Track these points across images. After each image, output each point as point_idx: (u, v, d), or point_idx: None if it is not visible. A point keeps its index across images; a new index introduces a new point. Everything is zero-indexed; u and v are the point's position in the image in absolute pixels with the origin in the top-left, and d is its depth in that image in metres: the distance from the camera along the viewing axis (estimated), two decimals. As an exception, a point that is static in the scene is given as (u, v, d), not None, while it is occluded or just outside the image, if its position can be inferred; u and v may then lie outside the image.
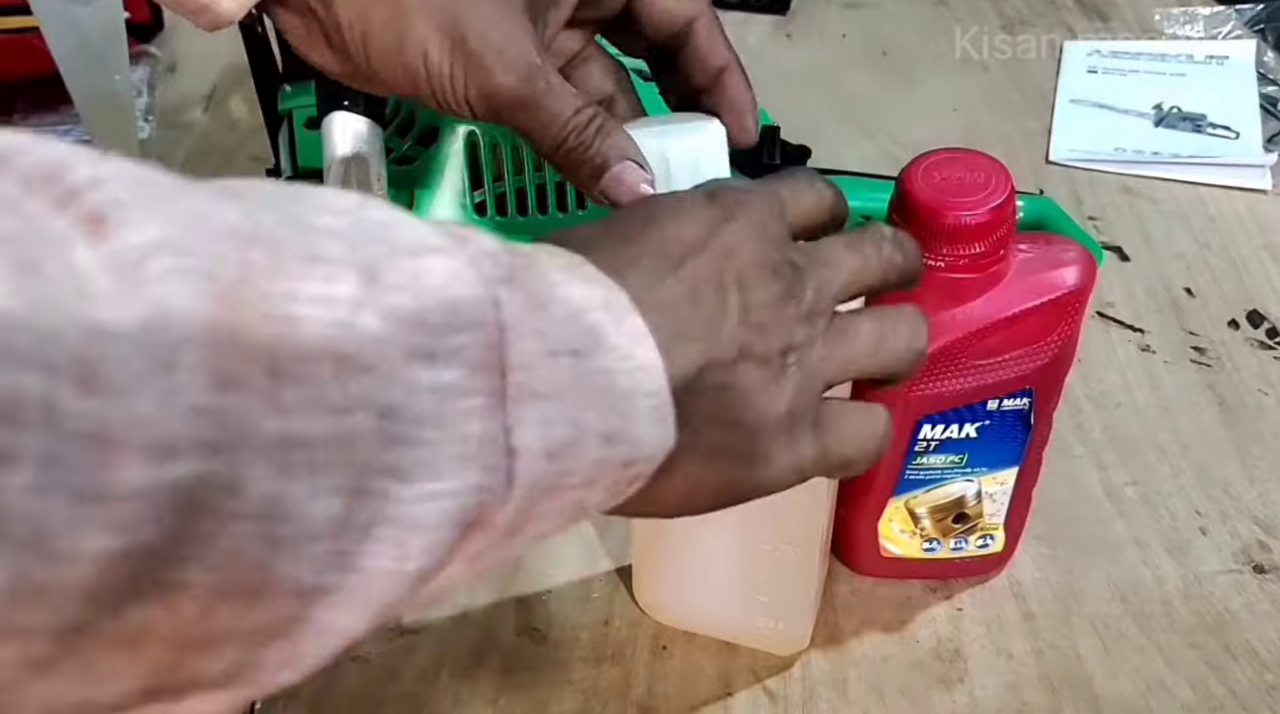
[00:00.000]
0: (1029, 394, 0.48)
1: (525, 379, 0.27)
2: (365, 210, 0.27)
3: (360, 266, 0.25)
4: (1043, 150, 0.86)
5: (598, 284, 0.31)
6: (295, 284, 0.23)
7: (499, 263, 0.28)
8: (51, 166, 0.21)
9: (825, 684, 0.52)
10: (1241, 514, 0.59)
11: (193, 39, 0.99)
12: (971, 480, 0.51)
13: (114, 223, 0.21)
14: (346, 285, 0.24)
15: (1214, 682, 0.52)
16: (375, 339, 0.24)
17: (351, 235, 0.25)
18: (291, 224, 0.25)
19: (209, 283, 0.21)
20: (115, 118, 0.81)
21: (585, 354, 0.29)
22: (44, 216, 0.21)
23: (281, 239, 0.24)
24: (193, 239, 0.22)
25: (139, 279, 0.21)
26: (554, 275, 0.30)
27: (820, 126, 0.86)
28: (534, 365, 0.28)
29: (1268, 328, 0.71)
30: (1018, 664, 0.52)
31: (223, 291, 0.22)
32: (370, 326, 0.24)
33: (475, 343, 0.26)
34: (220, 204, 0.23)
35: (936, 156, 0.44)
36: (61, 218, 0.21)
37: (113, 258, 0.21)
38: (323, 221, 0.25)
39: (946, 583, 0.56)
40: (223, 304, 0.22)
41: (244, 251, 0.22)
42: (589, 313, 0.30)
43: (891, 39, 0.99)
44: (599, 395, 0.29)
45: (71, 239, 0.20)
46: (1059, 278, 0.46)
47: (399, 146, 0.55)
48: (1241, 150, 0.85)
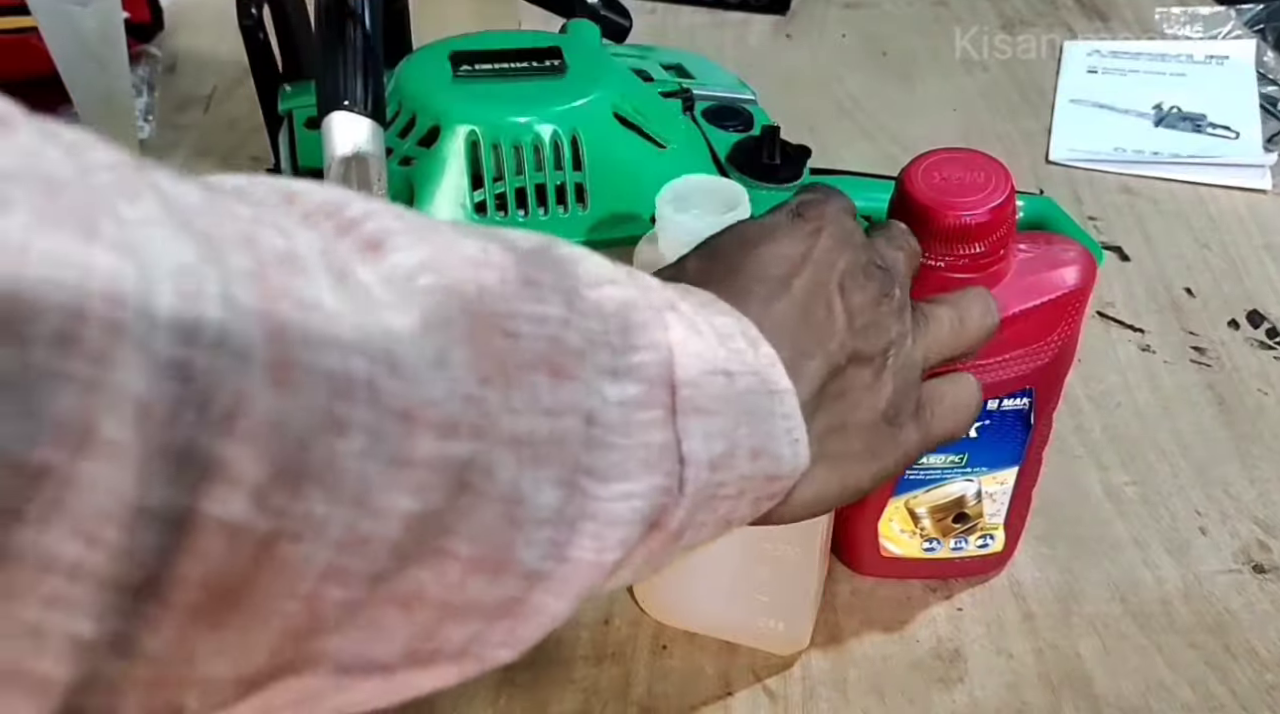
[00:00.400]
0: (1029, 394, 0.48)
1: (691, 394, 0.30)
2: (554, 249, 0.30)
3: (562, 293, 0.28)
4: (1043, 150, 0.86)
5: (731, 316, 0.34)
6: (517, 304, 0.27)
7: (663, 293, 0.32)
8: (331, 203, 0.26)
9: (825, 684, 0.52)
10: (1241, 514, 0.59)
11: (193, 39, 1.00)
12: (971, 480, 0.51)
13: (388, 247, 0.25)
14: (556, 309, 0.28)
15: (1214, 682, 0.52)
16: (576, 353, 0.28)
17: (546, 268, 0.29)
18: (512, 252, 0.28)
19: (460, 299, 0.26)
20: (115, 118, 0.81)
21: (733, 376, 0.32)
22: (330, 239, 0.25)
23: (506, 267, 0.27)
24: (445, 261, 0.26)
25: (412, 291, 0.25)
26: (696, 310, 0.33)
27: (820, 126, 0.86)
28: (698, 382, 0.31)
29: (1268, 328, 0.71)
30: (1017, 664, 0.52)
31: (468, 306, 0.26)
32: (572, 342, 0.28)
33: (651, 361, 0.30)
34: (458, 236, 0.27)
35: (936, 156, 0.44)
36: (343, 242, 0.25)
37: (389, 273, 0.25)
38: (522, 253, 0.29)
39: (946, 583, 0.56)
40: (469, 316, 0.25)
41: (480, 273, 0.26)
42: (732, 339, 0.33)
43: (891, 39, 0.99)
44: (747, 414, 0.32)
45: (353, 260, 0.24)
46: (1059, 278, 0.46)
47: (399, 146, 0.55)
48: (1241, 150, 0.85)
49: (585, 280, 0.29)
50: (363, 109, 0.45)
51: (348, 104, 0.45)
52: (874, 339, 0.38)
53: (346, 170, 0.46)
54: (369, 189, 0.47)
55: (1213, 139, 0.86)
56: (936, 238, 0.43)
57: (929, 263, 0.43)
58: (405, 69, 0.58)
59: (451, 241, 0.27)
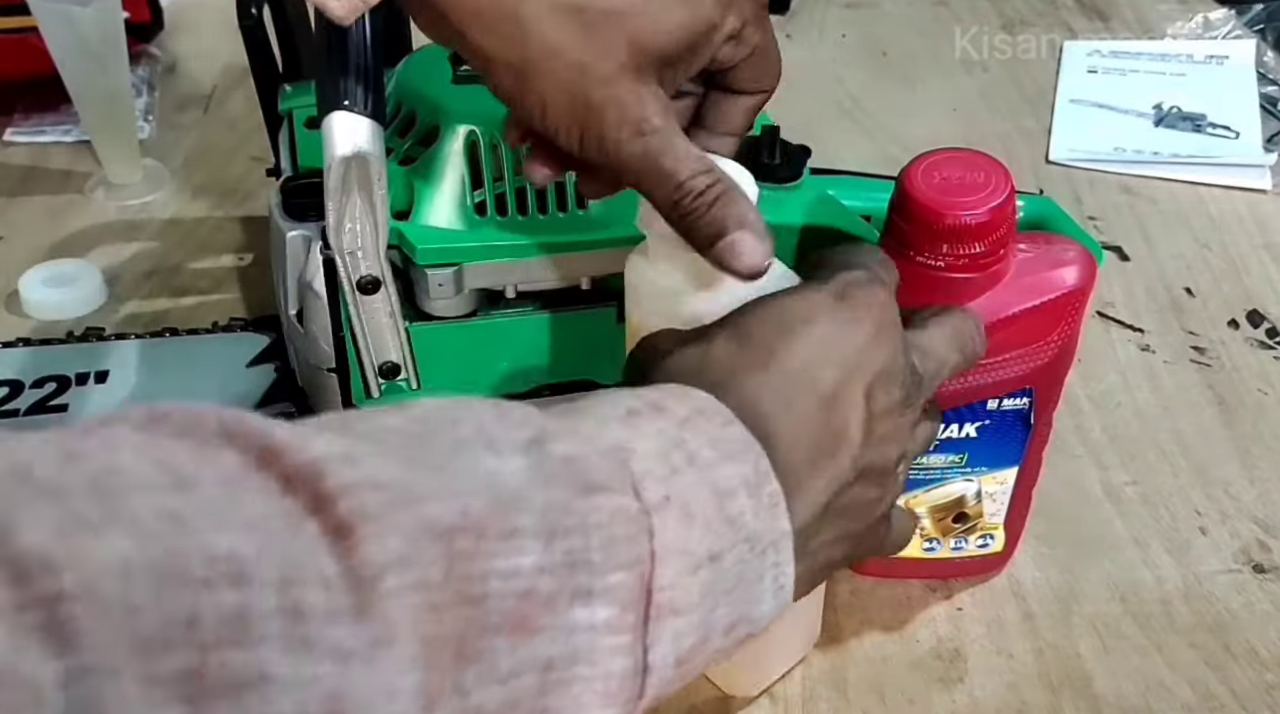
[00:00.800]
0: (1029, 394, 0.48)
1: (668, 599, 0.30)
2: (549, 445, 0.30)
3: (544, 531, 0.28)
4: (1043, 150, 0.86)
5: (740, 459, 0.33)
6: (490, 563, 0.27)
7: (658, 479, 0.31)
8: (314, 468, 0.25)
9: (825, 684, 0.52)
10: (1241, 514, 0.59)
11: (193, 39, 1.00)
12: (971, 480, 0.51)
13: (358, 536, 0.24)
14: (532, 556, 0.27)
15: (1214, 682, 0.52)
16: (547, 599, 0.27)
17: (536, 486, 0.28)
18: (493, 501, 0.27)
19: (424, 594, 0.25)
20: (115, 118, 0.81)
21: (721, 556, 0.31)
22: (300, 517, 0.24)
23: (484, 524, 0.27)
24: (416, 549, 0.25)
25: (375, 596, 0.24)
26: (705, 452, 0.32)
27: (820, 126, 0.86)
28: (676, 584, 0.30)
29: (1268, 328, 0.71)
30: (1017, 664, 0.52)
31: (433, 600, 0.25)
32: (544, 587, 0.27)
33: (629, 581, 0.29)
34: (442, 501, 0.26)
35: (936, 156, 0.44)
36: (313, 520, 0.24)
37: (354, 573, 0.24)
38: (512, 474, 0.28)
39: (946, 583, 0.56)
40: (432, 614, 0.25)
41: (453, 544, 0.26)
42: (733, 500, 0.32)
43: (891, 39, 0.99)
44: (727, 592, 0.32)
45: (320, 548, 0.24)
46: (1059, 278, 0.46)
47: (399, 146, 0.55)
48: (1241, 150, 0.85)
49: (576, 486, 0.29)
50: (363, 109, 0.45)
51: (348, 104, 0.45)
52: (889, 451, 0.37)
53: (346, 170, 0.46)
54: (369, 189, 0.47)
55: (1213, 139, 0.86)
56: (936, 238, 0.43)
57: (929, 263, 0.43)
58: (405, 69, 0.58)
59: (432, 519, 0.26)
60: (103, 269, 0.74)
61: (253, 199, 0.81)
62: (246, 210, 0.80)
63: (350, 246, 0.49)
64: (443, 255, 0.53)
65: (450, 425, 0.29)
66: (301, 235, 0.54)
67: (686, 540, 0.31)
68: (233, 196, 0.82)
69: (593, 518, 0.29)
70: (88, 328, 0.69)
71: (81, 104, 0.80)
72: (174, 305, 0.72)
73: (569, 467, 0.29)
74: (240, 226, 0.79)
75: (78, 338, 0.67)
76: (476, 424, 0.29)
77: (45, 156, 0.86)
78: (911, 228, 0.43)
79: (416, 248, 0.52)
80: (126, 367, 0.63)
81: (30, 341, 0.66)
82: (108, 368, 0.63)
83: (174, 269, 0.75)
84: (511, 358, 0.57)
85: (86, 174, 0.83)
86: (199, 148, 0.87)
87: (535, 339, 0.57)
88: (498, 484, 0.28)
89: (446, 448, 0.28)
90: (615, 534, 0.29)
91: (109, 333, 0.67)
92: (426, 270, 0.53)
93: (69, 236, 0.78)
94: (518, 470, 0.29)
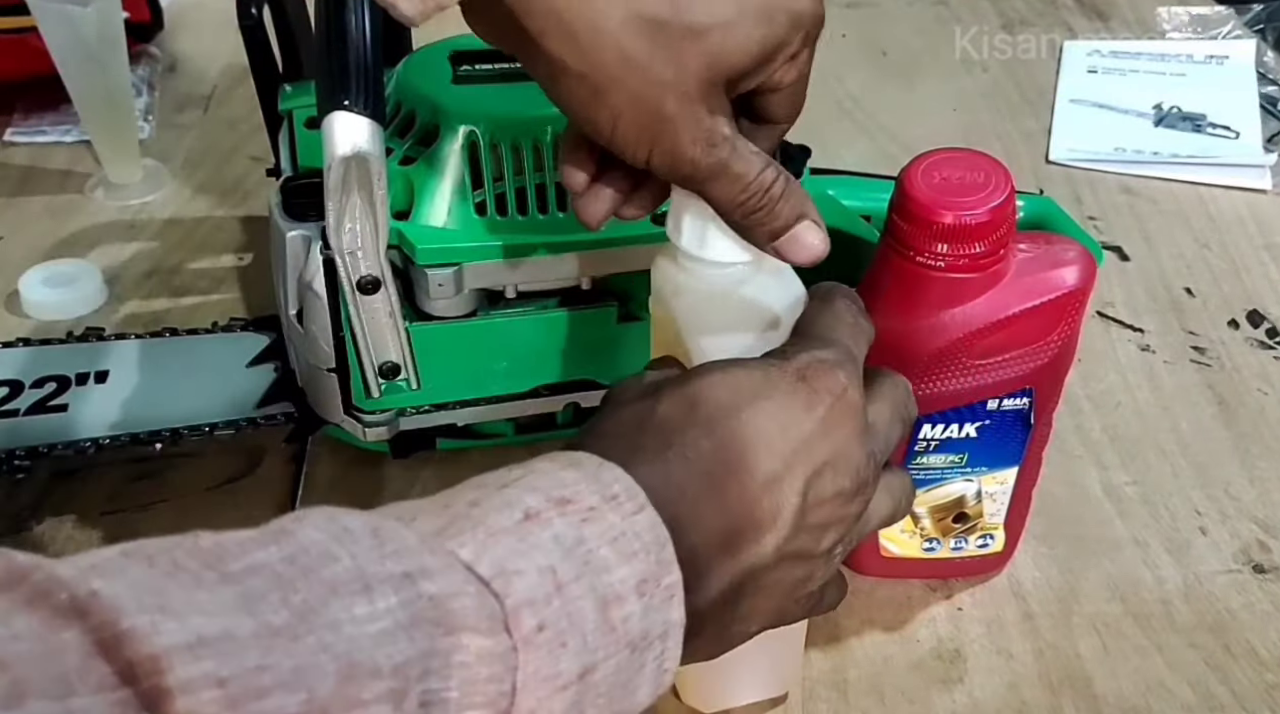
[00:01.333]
0: (1029, 394, 0.48)
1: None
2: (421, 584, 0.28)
3: (395, 693, 0.27)
4: (1043, 150, 0.86)
5: (640, 557, 0.32)
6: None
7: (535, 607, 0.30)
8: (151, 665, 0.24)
9: (825, 684, 0.52)
10: (1241, 514, 0.59)
11: (193, 39, 1.00)
12: (971, 480, 0.51)
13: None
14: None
15: (1214, 682, 0.52)
16: None
17: (400, 633, 0.27)
18: (345, 676, 0.26)
19: None
20: (115, 118, 0.81)
21: (594, 667, 0.31)
22: None
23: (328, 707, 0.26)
24: None
25: None
26: (602, 553, 0.31)
27: (820, 126, 0.86)
28: (539, 708, 0.30)
29: (1268, 328, 0.71)
30: (1017, 664, 0.52)
31: None
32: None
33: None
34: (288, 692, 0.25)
35: (936, 156, 0.44)
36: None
37: None
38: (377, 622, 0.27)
39: (946, 583, 0.56)
40: None
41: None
42: (620, 606, 0.31)
43: (891, 39, 0.99)
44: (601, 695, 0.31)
45: None
46: (1059, 278, 0.46)
47: (399, 146, 0.55)
48: (1241, 150, 0.85)
49: (446, 627, 0.28)
50: (363, 109, 0.45)
51: (348, 104, 0.45)
52: (824, 537, 0.36)
53: (346, 170, 0.46)
54: (369, 189, 0.47)
55: (1213, 139, 0.86)
56: (936, 238, 0.43)
57: (929, 263, 0.43)
58: (405, 69, 0.58)
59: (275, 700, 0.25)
60: (103, 269, 0.74)
61: (253, 199, 0.81)
62: (246, 210, 0.81)
63: (350, 246, 0.49)
64: (443, 255, 0.53)
65: (326, 562, 0.28)
66: (301, 235, 0.54)
67: (555, 666, 0.30)
68: (233, 196, 0.82)
69: (456, 658, 0.28)
70: (88, 328, 0.69)
71: (81, 104, 0.80)
72: (174, 305, 0.72)
73: (438, 608, 0.29)
74: (240, 226, 0.79)
75: (78, 338, 0.67)
76: (351, 561, 0.29)
77: (45, 156, 0.86)
78: (911, 228, 0.43)
79: (416, 248, 0.52)
80: (126, 367, 0.63)
81: (30, 342, 0.66)
82: (108, 368, 0.63)
83: (174, 269, 0.75)
84: (511, 358, 0.57)
85: (86, 174, 0.84)
86: (199, 148, 0.87)
87: (535, 339, 0.57)
88: (356, 647, 0.27)
89: (315, 597, 0.27)
90: (477, 674, 0.29)
91: (109, 333, 0.67)
92: (426, 270, 0.53)
93: (69, 236, 0.78)
94: (385, 612, 0.28)
